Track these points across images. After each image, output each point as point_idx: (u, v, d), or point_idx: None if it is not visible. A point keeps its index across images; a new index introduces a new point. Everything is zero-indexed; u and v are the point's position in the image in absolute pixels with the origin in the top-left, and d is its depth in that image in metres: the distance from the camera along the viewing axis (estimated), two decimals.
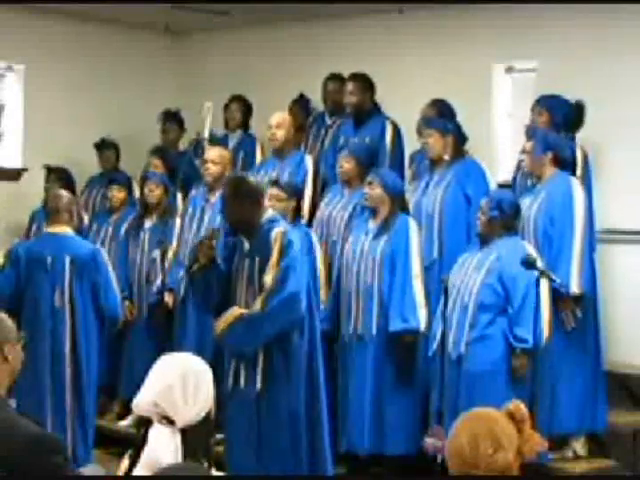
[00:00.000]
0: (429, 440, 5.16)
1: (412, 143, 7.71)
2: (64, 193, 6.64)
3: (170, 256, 7.49)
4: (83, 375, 6.35)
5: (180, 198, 8.15)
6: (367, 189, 6.77)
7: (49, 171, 8.69)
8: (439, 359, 5.94)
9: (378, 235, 6.68)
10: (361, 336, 6.64)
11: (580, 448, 6.63)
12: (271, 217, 5.91)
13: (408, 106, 7.64)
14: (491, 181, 7.04)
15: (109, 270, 6.48)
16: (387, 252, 6.61)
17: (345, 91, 7.78)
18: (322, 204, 7.41)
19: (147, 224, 7.92)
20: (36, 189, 8.61)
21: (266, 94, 8.68)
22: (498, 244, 6.19)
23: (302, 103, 8.60)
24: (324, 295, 6.96)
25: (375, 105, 7.80)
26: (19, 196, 8.86)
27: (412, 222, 6.71)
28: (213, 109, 7.92)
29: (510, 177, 7.37)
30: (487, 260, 6.15)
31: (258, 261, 5.78)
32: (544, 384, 6.08)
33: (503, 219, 6.21)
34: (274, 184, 7.12)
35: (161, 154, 8.46)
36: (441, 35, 8.41)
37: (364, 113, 7.72)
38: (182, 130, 8.95)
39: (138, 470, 3.02)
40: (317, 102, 8.46)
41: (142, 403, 3.05)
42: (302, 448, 5.78)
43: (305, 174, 7.64)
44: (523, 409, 2.94)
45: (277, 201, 7.01)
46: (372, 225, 6.76)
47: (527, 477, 2.94)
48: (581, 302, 6.45)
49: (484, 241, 6.26)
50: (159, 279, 7.47)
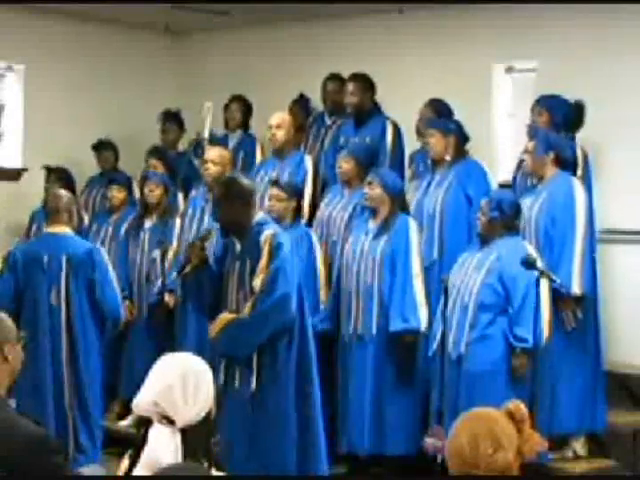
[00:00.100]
0: (429, 440, 5.16)
1: (412, 143, 7.72)
2: (64, 193, 6.61)
3: (170, 256, 7.47)
4: (82, 374, 6.33)
5: (181, 198, 8.16)
6: (367, 189, 6.77)
7: (49, 171, 8.68)
8: (439, 359, 5.95)
9: (378, 235, 6.67)
10: (361, 336, 6.64)
11: (580, 448, 6.63)
12: (261, 219, 5.91)
13: (408, 106, 7.64)
14: (492, 181, 7.05)
15: (108, 269, 6.43)
16: (387, 252, 6.61)
17: (345, 91, 7.78)
18: (322, 204, 7.40)
19: (147, 224, 7.93)
20: (36, 189, 8.60)
21: (266, 94, 8.67)
22: (498, 244, 6.19)
23: (302, 103, 8.59)
24: (324, 295, 6.96)
25: (375, 105, 7.79)
26: (19, 196, 8.86)
27: (412, 222, 6.72)
28: (213, 109, 7.91)
29: (510, 177, 7.37)
30: (487, 260, 6.15)
31: (249, 263, 5.78)
32: (544, 384, 6.08)
33: (503, 219, 6.21)
34: (274, 184, 7.12)
35: (159, 154, 8.46)
36: (441, 35, 8.40)
37: (364, 113, 7.72)
38: (182, 130, 8.95)
39: (138, 470, 3.02)
40: (317, 102, 8.46)
41: (142, 403, 3.05)
42: (292, 448, 5.78)
43: (305, 174, 7.64)
44: (523, 409, 2.94)
45: (277, 201, 7.02)
46: (372, 225, 6.76)
47: (527, 477, 2.94)
48: (582, 302, 6.46)
49: (484, 241, 6.26)
50: (159, 280, 7.47)
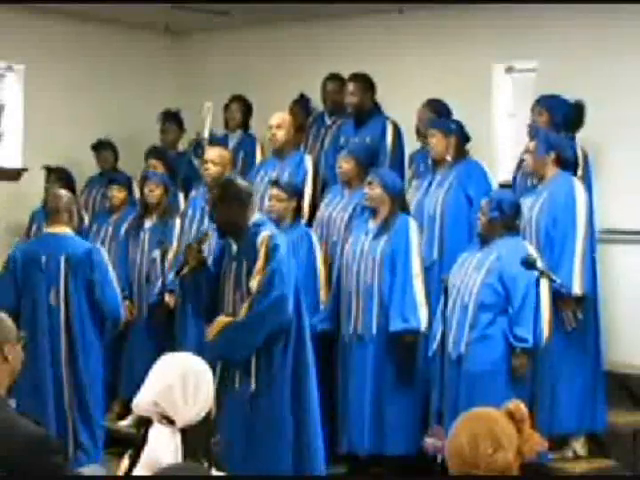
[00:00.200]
0: (429, 440, 5.16)
1: (412, 143, 7.72)
2: (64, 193, 6.58)
3: (170, 257, 7.47)
4: (82, 374, 6.30)
5: (182, 198, 8.16)
6: (367, 189, 6.76)
7: (49, 171, 8.67)
8: (439, 359, 5.95)
9: (378, 235, 6.67)
10: (361, 336, 6.64)
11: (580, 448, 6.63)
12: (258, 220, 5.92)
13: (408, 106, 7.64)
14: (493, 182, 7.05)
15: (108, 269, 6.39)
16: (387, 252, 6.61)
17: (346, 91, 7.77)
18: (322, 205, 7.40)
19: (147, 224, 7.93)
20: (36, 189, 8.60)
21: (266, 94, 8.67)
22: (498, 244, 6.19)
23: (302, 103, 8.59)
24: (324, 295, 6.96)
25: (375, 105, 7.79)
26: (19, 196, 8.86)
27: (412, 222, 6.71)
28: (213, 109, 7.91)
29: (510, 177, 7.36)
30: (487, 260, 6.15)
31: (245, 264, 5.79)
32: (544, 384, 6.08)
33: (503, 219, 6.21)
34: (274, 184, 7.12)
35: (157, 154, 8.46)
36: (441, 35, 8.40)
37: (365, 113, 7.72)
38: (181, 130, 8.94)
39: (138, 470, 3.02)
40: (317, 102, 8.46)
41: (142, 403, 3.05)
42: (287, 451, 5.78)
43: (305, 174, 7.64)
44: (523, 409, 2.94)
45: (277, 201, 7.02)
46: (372, 225, 6.76)
47: (527, 477, 2.94)
48: (583, 303, 6.46)
49: (484, 241, 6.25)
50: (159, 280, 7.46)
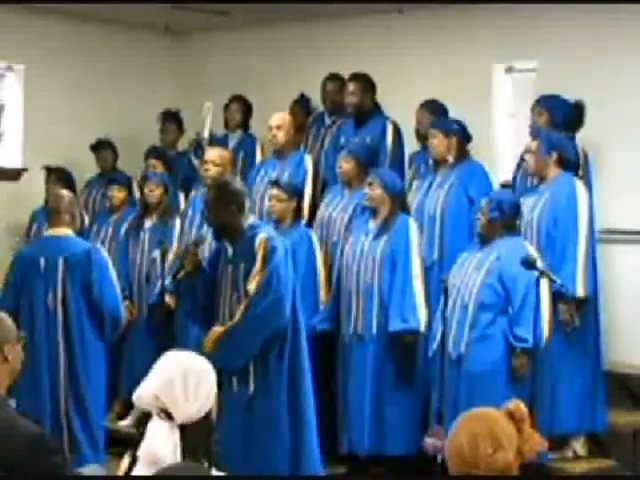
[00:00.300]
0: (429, 440, 5.16)
1: (412, 143, 7.71)
2: (65, 193, 6.52)
3: (170, 258, 7.47)
4: (80, 376, 6.22)
5: (182, 198, 8.16)
6: (367, 189, 6.76)
7: (49, 171, 8.67)
8: (439, 359, 5.95)
9: (378, 235, 6.67)
10: (361, 336, 6.64)
11: (580, 448, 6.63)
12: (253, 223, 5.93)
13: (408, 106, 7.64)
14: (494, 183, 7.04)
15: (107, 269, 6.29)
16: (387, 252, 6.61)
17: (346, 91, 7.77)
18: (322, 205, 7.40)
19: (147, 224, 7.93)
20: (36, 189, 8.60)
21: (266, 94, 8.67)
22: (498, 244, 6.18)
23: (303, 103, 8.58)
24: (324, 295, 6.96)
25: (376, 105, 7.79)
26: (19, 196, 8.85)
27: (412, 222, 6.71)
28: (213, 109, 7.91)
29: (510, 177, 7.36)
30: (487, 260, 6.15)
31: (242, 266, 5.79)
32: (544, 384, 6.08)
33: (503, 219, 6.21)
34: (274, 184, 7.12)
35: (157, 154, 8.45)
36: (441, 35, 8.40)
37: (365, 113, 7.71)
38: (181, 130, 8.94)
39: (138, 468, 3.03)
40: (317, 102, 8.46)
41: (143, 396, 3.06)
42: (284, 455, 5.78)
43: (305, 174, 7.63)
44: (523, 409, 2.94)
45: (277, 201, 7.02)
46: (372, 225, 6.76)
47: (527, 477, 2.94)
48: (584, 305, 6.45)
49: (484, 241, 6.25)
50: (159, 280, 7.46)
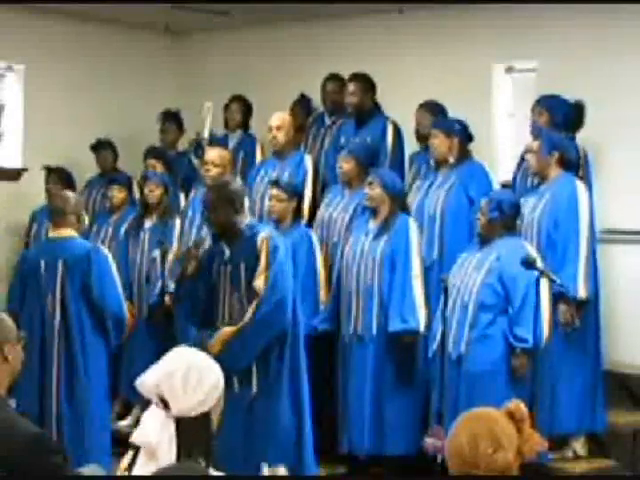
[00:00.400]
0: (429, 440, 5.16)
1: (412, 144, 7.71)
2: (71, 195, 6.45)
3: (171, 258, 7.46)
4: (80, 377, 6.13)
5: (182, 198, 8.15)
6: (367, 189, 6.76)
7: (49, 171, 8.66)
8: (439, 359, 5.95)
9: (378, 235, 6.67)
10: (361, 336, 6.64)
11: (580, 448, 6.63)
12: (251, 222, 5.96)
13: (408, 106, 7.63)
14: (494, 183, 7.04)
15: (108, 268, 6.20)
16: (387, 252, 6.60)
17: (346, 91, 7.77)
18: (322, 205, 7.39)
19: (147, 224, 7.92)
20: (36, 189, 8.60)
21: (266, 94, 8.67)
22: (498, 244, 6.18)
23: (303, 103, 8.58)
24: (324, 296, 6.96)
25: (376, 105, 7.79)
26: (19, 196, 8.85)
27: (412, 222, 6.71)
28: (213, 109, 7.91)
29: (510, 177, 7.36)
30: (487, 260, 6.15)
31: (243, 267, 5.80)
32: (544, 384, 6.08)
33: (503, 220, 6.21)
34: (274, 184, 7.12)
35: (156, 154, 8.45)
36: (441, 35, 8.40)
37: (365, 113, 7.72)
38: (181, 130, 8.93)
39: (138, 467, 3.03)
40: (317, 102, 8.46)
41: (146, 383, 3.08)
42: (286, 448, 5.80)
43: (305, 174, 7.63)
44: (523, 408, 2.94)
45: (277, 201, 7.02)
46: (372, 225, 6.76)
47: (527, 477, 2.94)
48: (585, 306, 6.45)
49: (484, 241, 6.25)
50: (160, 280, 7.46)
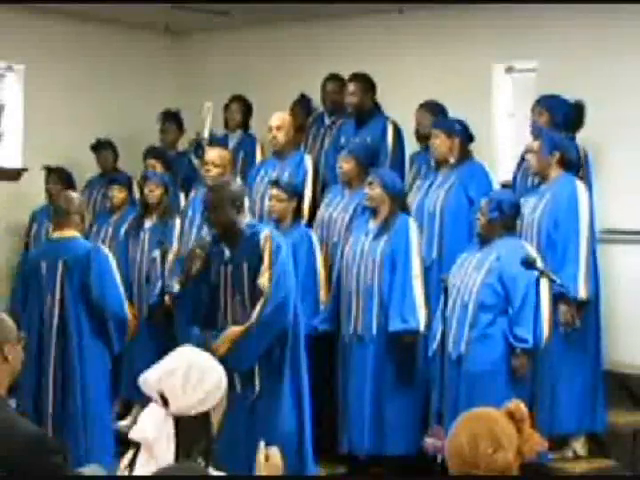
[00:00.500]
0: (429, 440, 5.16)
1: (412, 144, 7.71)
2: (75, 195, 6.43)
3: (170, 258, 7.46)
4: (77, 378, 6.09)
5: (182, 198, 8.15)
6: (367, 189, 6.76)
7: (49, 171, 8.67)
8: (439, 359, 5.95)
9: (378, 235, 6.67)
10: (361, 336, 6.63)
11: (580, 448, 6.63)
12: (249, 222, 5.96)
13: (408, 106, 7.63)
14: (495, 183, 7.04)
15: (108, 268, 6.18)
16: (387, 252, 6.60)
17: (346, 91, 7.77)
18: (322, 205, 7.39)
19: (147, 224, 7.92)
20: (36, 189, 8.60)
21: (266, 94, 8.67)
22: (498, 244, 6.18)
23: (304, 103, 8.58)
24: (324, 296, 6.96)
25: (376, 105, 7.79)
26: (19, 196, 8.86)
27: (412, 222, 6.71)
28: (213, 109, 7.91)
29: (510, 177, 7.36)
30: (487, 260, 6.15)
31: (245, 267, 5.80)
32: (544, 384, 6.08)
33: (503, 220, 6.21)
34: (274, 184, 7.12)
35: (156, 154, 8.44)
36: (441, 35, 8.40)
37: (365, 113, 7.71)
38: (181, 130, 8.93)
39: (138, 467, 3.03)
40: (317, 102, 8.46)
41: (148, 380, 3.08)
42: (288, 448, 5.80)
43: (305, 174, 7.63)
44: (523, 408, 2.94)
45: (277, 201, 7.01)
46: (372, 225, 6.76)
47: (527, 477, 2.94)
48: (586, 307, 6.44)
49: (484, 241, 6.25)
50: (160, 281, 7.45)
